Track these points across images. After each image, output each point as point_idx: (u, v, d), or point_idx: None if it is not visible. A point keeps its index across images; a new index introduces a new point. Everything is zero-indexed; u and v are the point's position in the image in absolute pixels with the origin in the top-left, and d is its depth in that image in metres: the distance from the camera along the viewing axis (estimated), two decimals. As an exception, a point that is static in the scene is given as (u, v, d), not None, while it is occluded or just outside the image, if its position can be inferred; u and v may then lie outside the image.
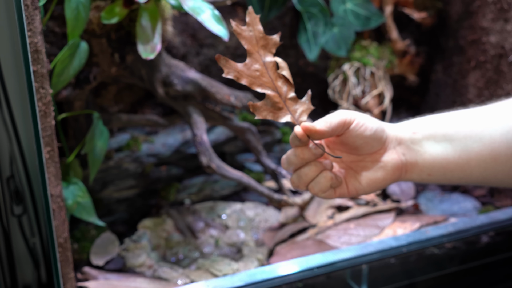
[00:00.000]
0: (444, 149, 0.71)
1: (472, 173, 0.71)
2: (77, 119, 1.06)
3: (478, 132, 0.70)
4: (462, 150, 0.70)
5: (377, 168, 0.72)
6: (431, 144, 0.72)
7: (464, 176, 0.72)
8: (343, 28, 1.31)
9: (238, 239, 1.16)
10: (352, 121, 0.68)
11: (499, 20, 1.25)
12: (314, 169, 0.67)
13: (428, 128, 0.72)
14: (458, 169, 0.71)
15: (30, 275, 1.07)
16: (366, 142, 0.70)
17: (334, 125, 0.66)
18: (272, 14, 1.29)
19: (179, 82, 1.04)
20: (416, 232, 1.05)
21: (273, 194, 1.11)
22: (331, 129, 0.66)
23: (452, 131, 0.71)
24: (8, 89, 0.90)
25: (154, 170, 1.26)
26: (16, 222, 1.01)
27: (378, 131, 0.70)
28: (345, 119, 0.67)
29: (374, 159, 0.72)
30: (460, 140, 0.70)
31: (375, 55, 1.36)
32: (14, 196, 0.99)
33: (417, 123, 0.74)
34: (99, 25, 0.93)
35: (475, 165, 0.70)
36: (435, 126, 0.73)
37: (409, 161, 0.72)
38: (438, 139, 0.72)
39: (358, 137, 0.69)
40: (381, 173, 0.71)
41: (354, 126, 0.68)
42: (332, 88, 1.38)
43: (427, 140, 0.72)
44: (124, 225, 1.20)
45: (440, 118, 0.74)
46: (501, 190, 1.30)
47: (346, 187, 0.72)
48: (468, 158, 0.70)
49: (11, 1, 0.80)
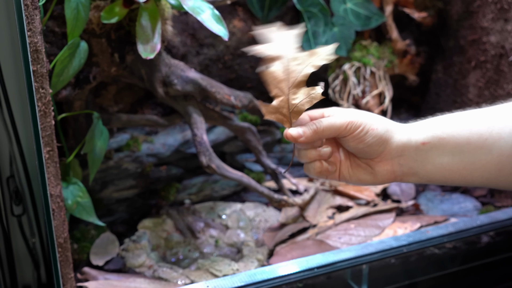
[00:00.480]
0: (450, 160, 0.68)
1: (474, 181, 0.70)
2: (77, 119, 1.06)
3: (489, 145, 0.67)
4: (469, 162, 0.68)
5: (368, 172, 0.71)
6: (438, 155, 0.68)
7: (464, 183, 0.70)
8: (343, 27, 1.31)
9: (238, 239, 1.16)
10: (354, 129, 0.67)
11: (500, 20, 1.25)
12: (310, 155, 0.69)
13: (439, 138, 0.68)
14: (460, 178, 0.69)
15: (30, 275, 1.06)
16: (359, 152, 0.70)
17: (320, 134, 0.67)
18: (272, 14, 1.28)
19: (179, 82, 1.04)
20: (417, 232, 1.05)
21: (273, 194, 1.11)
22: (314, 139, 0.67)
23: (463, 142, 0.68)
24: (8, 89, 0.90)
25: (154, 170, 1.26)
26: (16, 222, 1.01)
27: (376, 143, 0.68)
28: (344, 127, 0.67)
29: (368, 163, 0.71)
30: (470, 153, 0.67)
31: (376, 55, 1.35)
32: (14, 196, 0.98)
33: (427, 129, 0.69)
34: (99, 25, 0.93)
35: (478, 176, 0.69)
36: (446, 135, 0.68)
37: (407, 172, 0.70)
38: (447, 151, 0.68)
39: (351, 146, 0.69)
40: (370, 178, 0.71)
41: (353, 136, 0.67)
42: (332, 88, 1.38)
43: (435, 151, 0.68)
44: (124, 225, 1.20)
45: (451, 122, 0.69)
46: (502, 191, 1.29)
47: (338, 175, 0.72)
48: (473, 169, 0.68)
49: (11, 1, 0.80)
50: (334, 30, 1.31)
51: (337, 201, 1.24)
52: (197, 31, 1.30)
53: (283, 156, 1.40)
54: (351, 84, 1.34)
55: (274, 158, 1.39)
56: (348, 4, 1.32)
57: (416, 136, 0.69)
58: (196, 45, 1.31)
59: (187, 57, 1.31)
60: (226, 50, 1.33)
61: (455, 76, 1.40)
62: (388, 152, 0.69)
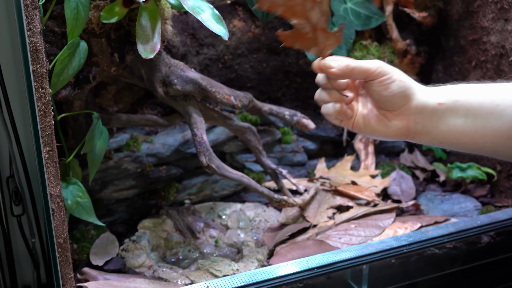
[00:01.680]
0: (463, 123, 0.72)
1: (485, 147, 0.73)
2: (77, 119, 1.06)
3: (501, 110, 0.70)
4: (481, 126, 0.72)
5: (383, 124, 0.76)
6: (452, 117, 0.73)
7: (475, 148, 0.74)
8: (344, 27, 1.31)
9: (238, 240, 1.16)
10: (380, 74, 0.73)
11: (500, 20, 1.24)
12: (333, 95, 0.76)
13: (454, 100, 0.73)
14: (471, 141, 0.73)
15: (30, 275, 1.06)
16: (381, 100, 0.75)
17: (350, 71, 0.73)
18: (272, 14, 1.28)
19: (179, 82, 1.04)
20: (417, 232, 1.05)
21: (273, 194, 1.11)
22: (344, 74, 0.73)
23: (477, 106, 0.72)
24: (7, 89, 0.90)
25: (153, 170, 1.26)
26: (16, 222, 1.01)
27: (398, 96, 0.73)
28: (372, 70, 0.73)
29: (385, 115, 0.76)
30: (482, 117, 0.71)
31: (376, 54, 1.35)
32: (13, 196, 0.98)
33: (445, 92, 0.75)
34: (99, 25, 0.92)
35: (489, 141, 0.72)
36: (461, 98, 0.73)
37: (421, 130, 0.75)
38: (461, 113, 0.72)
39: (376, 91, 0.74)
40: (384, 130, 0.76)
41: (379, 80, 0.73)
42: (332, 88, 1.38)
43: (450, 113, 0.73)
44: (124, 226, 1.20)
45: (467, 89, 0.74)
46: (502, 190, 1.29)
47: (352, 123, 0.77)
48: (484, 134, 0.72)
49: (11, 1, 0.80)
50: (334, 29, 1.31)
51: (337, 201, 1.24)
52: (197, 30, 1.30)
53: (283, 156, 1.40)
54: (351, 84, 1.34)
55: (274, 158, 1.38)
56: (348, 3, 1.32)
57: (434, 97, 0.74)
58: (196, 45, 1.31)
59: (187, 57, 1.31)
60: (226, 50, 1.33)
61: (456, 76, 1.40)
62: (407, 108, 0.74)
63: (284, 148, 1.39)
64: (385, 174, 1.37)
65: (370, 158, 1.42)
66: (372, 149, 1.43)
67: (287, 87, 1.42)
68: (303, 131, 1.42)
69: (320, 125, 1.43)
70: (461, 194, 1.32)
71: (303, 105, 1.45)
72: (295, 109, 1.38)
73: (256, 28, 1.34)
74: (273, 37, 1.36)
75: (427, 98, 0.74)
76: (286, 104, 1.42)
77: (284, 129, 1.40)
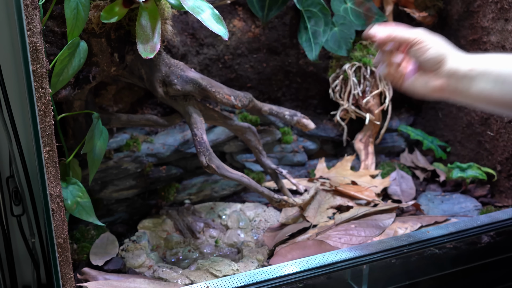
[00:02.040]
0: (492, 87, 0.81)
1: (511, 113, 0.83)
2: (77, 119, 1.06)
3: None
4: (508, 92, 0.80)
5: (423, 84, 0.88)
6: (482, 82, 0.82)
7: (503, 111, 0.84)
8: (344, 27, 1.31)
9: (238, 240, 1.16)
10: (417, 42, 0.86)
11: (500, 20, 1.24)
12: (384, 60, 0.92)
13: (485, 66, 0.82)
14: (499, 105, 0.82)
15: (30, 275, 1.06)
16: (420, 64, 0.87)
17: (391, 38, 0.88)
18: (272, 14, 1.28)
19: (179, 82, 1.04)
20: (417, 232, 1.05)
21: (273, 194, 1.11)
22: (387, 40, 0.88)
23: (506, 73, 0.80)
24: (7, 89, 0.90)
25: (153, 170, 1.26)
26: (16, 222, 1.00)
27: (432, 61, 0.85)
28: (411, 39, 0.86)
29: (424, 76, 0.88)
30: (510, 83, 0.79)
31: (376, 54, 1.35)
32: (13, 196, 0.98)
33: (477, 60, 0.84)
34: (99, 25, 0.92)
35: None
36: (492, 65, 0.81)
37: (454, 91, 0.85)
38: (490, 79, 0.81)
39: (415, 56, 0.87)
40: (424, 89, 0.88)
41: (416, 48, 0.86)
42: (332, 88, 1.38)
43: (480, 78, 0.82)
44: (124, 226, 1.20)
45: (498, 58, 0.83)
46: (502, 190, 1.29)
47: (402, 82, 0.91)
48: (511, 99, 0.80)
49: (11, 1, 0.80)
50: (335, 29, 1.31)
51: (338, 201, 1.24)
52: (197, 30, 1.30)
53: (283, 156, 1.40)
54: (351, 83, 1.34)
55: (274, 158, 1.38)
56: (349, 3, 1.32)
57: (466, 63, 0.84)
58: (196, 45, 1.31)
59: (187, 57, 1.31)
60: (226, 49, 1.33)
61: (456, 76, 1.40)
62: (441, 71, 0.86)
63: (284, 148, 1.39)
64: (385, 174, 1.37)
65: (370, 158, 1.42)
66: (372, 149, 1.43)
67: (287, 87, 1.42)
68: (303, 131, 1.42)
69: (320, 125, 1.43)
70: (461, 194, 1.32)
71: (303, 105, 1.45)
72: (295, 109, 1.38)
73: (256, 28, 1.34)
74: (273, 37, 1.36)
75: (459, 64, 0.84)
76: (286, 104, 1.42)
77: (284, 129, 1.40)
